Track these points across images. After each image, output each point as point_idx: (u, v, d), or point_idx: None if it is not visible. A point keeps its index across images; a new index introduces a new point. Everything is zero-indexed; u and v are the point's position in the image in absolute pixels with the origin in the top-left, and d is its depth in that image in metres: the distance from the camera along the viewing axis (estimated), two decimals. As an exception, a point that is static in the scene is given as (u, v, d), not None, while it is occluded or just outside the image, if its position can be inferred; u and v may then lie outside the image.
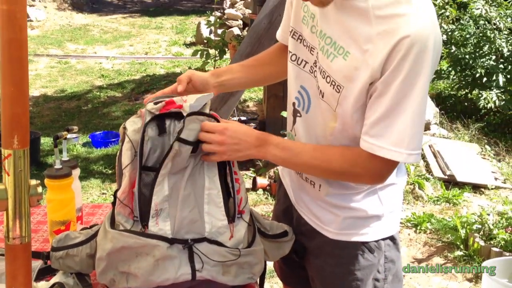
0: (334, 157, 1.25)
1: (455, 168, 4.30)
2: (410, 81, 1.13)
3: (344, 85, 1.20)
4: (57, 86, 7.24)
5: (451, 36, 5.56)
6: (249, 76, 1.53)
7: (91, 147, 5.04)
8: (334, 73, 1.22)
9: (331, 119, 1.27)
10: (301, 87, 1.35)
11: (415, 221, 3.60)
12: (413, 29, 1.11)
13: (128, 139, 1.23)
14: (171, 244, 1.19)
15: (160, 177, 1.21)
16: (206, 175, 1.24)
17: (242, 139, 1.25)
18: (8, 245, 1.04)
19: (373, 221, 1.35)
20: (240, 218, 1.27)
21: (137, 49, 9.48)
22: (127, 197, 1.21)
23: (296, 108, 1.38)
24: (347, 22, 1.19)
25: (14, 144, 1.00)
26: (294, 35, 1.36)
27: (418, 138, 1.18)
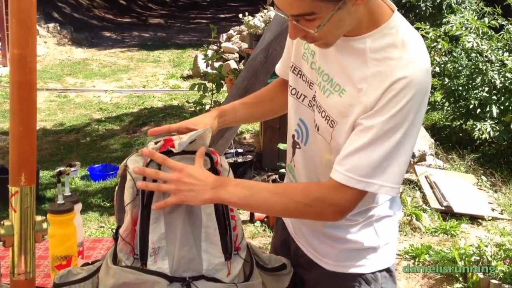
0: (295, 191, 1.26)
1: (452, 199, 4.32)
2: (396, 120, 1.16)
3: (338, 121, 1.25)
4: (56, 119, 7.28)
5: (444, 68, 5.65)
6: (250, 113, 1.57)
7: (90, 180, 5.06)
8: (329, 109, 1.26)
9: (326, 151, 1.31)
10: (300, 120, 1.40)
11: (413, 253, 3.60)
12: (407, 73, 1.16)
13: (131, 177, 1.25)
14: (171, 282, 1.20)
15: (154, 214, 1.23)
16: (203, 212, 1.26)
17: (199, 179, 1.21)
18: (14, 280, 1.06)
19: (369, 253, 1.38)
20: (237, 254, 1.29)
21: (135, 82, 9.57)
22: (130, 235, 1.23)
23: (296, 140, 1.42)
24: (345, 61, 1.24)
25: (22, 181, 1.04)
26: (295, 70, 1.41)
27: (396, 172, 1.19)
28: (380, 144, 1.17)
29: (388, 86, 1.16)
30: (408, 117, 1.17)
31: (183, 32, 15.97)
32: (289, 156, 1.48)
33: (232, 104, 1.54)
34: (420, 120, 1.21)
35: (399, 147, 1.18)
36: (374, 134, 1.17)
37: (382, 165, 1.18)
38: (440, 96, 5.93)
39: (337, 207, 1.23)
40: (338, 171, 1.21)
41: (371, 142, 1.18)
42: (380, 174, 1.18)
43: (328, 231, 1.38)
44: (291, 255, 1.49)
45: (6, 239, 1.05)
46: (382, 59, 1.19)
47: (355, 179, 1.19)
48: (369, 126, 1.18)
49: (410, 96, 1.16)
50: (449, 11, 6.76)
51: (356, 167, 1.19)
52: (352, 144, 1.20)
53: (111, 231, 3.98)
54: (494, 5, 5.66)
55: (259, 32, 6.16)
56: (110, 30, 15.94)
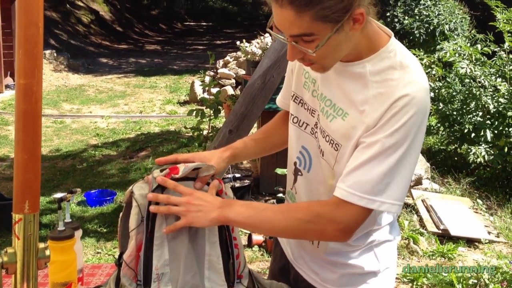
0: (299, 208, 1.28)
1: (449, 222, 4.33)
2: (398, 137, 1.19)
3: (342, 143, 1.27)
4: (52, 145, 7.29)
5: (438, 93, 5.72)
6: (261, 148, 1.60)
7: (86, 205, 5.05)
8: (333, 133, 1.29)
9: (330, 176, 1.33)
10: (303, 148, 1.42)
11: (411, 276, 3.60)
12: (408, 91, 1.19)
13: (136, 204, 1.26)
14: None
15: (158, 240, 1.24)
16: (207, 241, 1.27)
17: (207, 201, 1.26)
18: (16, 307, 1.07)
19: (370, 277, 1.39)
20: (239, 283, 1.30)
21: (131, 108, 9.62)
22: (133, 261, 1.24)
23: (298, 167, 1.44)
24: (346, 86, 1.28)
25: (25, 209, 1.05)
26: (296, 99, 1.44)
27: (397, 188, 1.20)
28: (382, 160, 1.19)
29: (390, 104, 1.19)
30: (410, 134, 1.19)
31: (180, 58, 16.13)
32: (289, 183, 1.50)
33: (243, 142, 1.56)
34: (421, 138, 1.23)
35: (401, 164, 1.19)
36: (376, 150, 1.19)
37: (383, 181, 1.19)
38: (435, 120, 5.99)
39: (339, 224, 1.23)
40: (341, 187, 1.23)
41: (373, 158, 1.20)
42: (382, 191, 1.19)
43: (329, 258, 1.40)
44: (291, 281, 1.50)
45: (9, 266, 1.05)
46: (383, 81, 1.23)
47: (357, 196, 1.20)
48: (371, 142, 1.21)
49: (411, 113, 1.18)
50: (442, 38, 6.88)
51: (358, 183, 1.20)
52: (355, 161, 1.22)
53: (108, 256, 3.96)
54: (486, 32, 5.76)
55: (256, 59, 6.24)
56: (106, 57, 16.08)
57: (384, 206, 1.20)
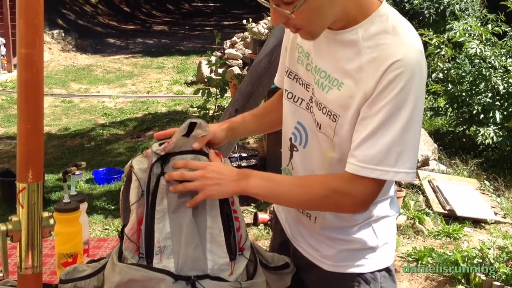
0: (314, 184, 1.28)
1: (455, 203, 4.33)
2: (397, 102, 1.18)
3: (340, 114, 1.26)
4: (61, 124, 7.33)
5: (447, 74, 5.67)
6: (260, 124, 1.60)
7: (94, 183, 5.09)
8: (329, 104, 1.28)
9: (329, 149, 1.32)
10: (298, 123, 1.41)
11: (416, 256, 3.62)
12: (401, 55, 1.18)
13: (136, 178, 1.27)
14: (176, 280, 1.21)
15: (159, 213, 1.24)
16: (208, 214, 1.28)
17: (223, 173, 1.27)
18: (21, 275, 1.08)
19: (368, 253, 1.39)
20: (241, 255, 1.30)
21: (139, 88, 9.63)
22: (135, 234, 1.24)
23: (293, 143, 1.43)
24: (339, 55, 1.27)
25: (29, 178, 1.06)
26: (290, 75, 1.43)
27: (408, 156, 1.19)
28: (387, 128, 1.18)
29: (385, 69, 1.18)
30: (410, 97, 1.18)
31: (187, 39, 16.07)
32: (285, 160, 1.49)
33: (242, 116, 1.56)
34: (422, 99, 1.21)
35: (407, 129, 1.18)
36: (380, 120, 1.19)
37: (393, 150, 1.18)
38: (444, 102, 5.94)
39: (355, 198, 1.23)
40: (351, 163, 1.23)
41: (378, 128, 1.19)
42: (393, 160, 1.19)
43: (326, 233, 1.40)
44: (290, 257, 1.51)
45: (13, 234, 1.07)
46: (375, 46, 1.21)
47: (369, 168, 1.20)
48: (373, 113, 1.20)
49: (408, 76, 1.17)
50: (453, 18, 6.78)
51: (367, 156, 1.20)
52: (360, 134, 1.22)
53: (116, 233, 4.00)
54: (497, 12, 5.69)
55: (263, 38, 6.20)
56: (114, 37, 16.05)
57: (399, 176, 1.20)
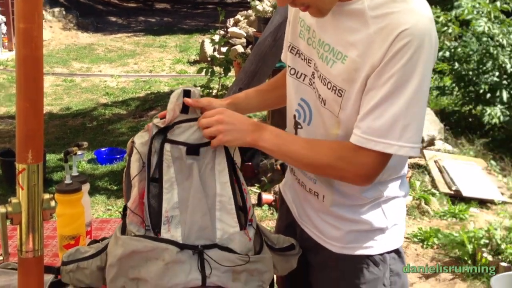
0: (322, 149, 1.26)
1: (461, 183, 4.29)
2: (404, 73, 1.13)
3: (345, 88, 1.22)
4: (63, 104, 7.29)
5: (454, 52, 5.58)
6: (264, 100, 1.56)
7: (96, 163, 5.06)
8: (334, 78, 1.24)
9: (334, 126, 1.28)
10: (302, 100, 1.37)
11: (421, 236, 3.59)
12: (410, 23, 1.13)
13: (136, 151, 1.26)
14: (181, 249, 1.18)
15: (167, 183, 1.23)
16: (217, 181, 1.26)
17: (240, 121, 1.28)
18: (21, 258, 1.05)
19: (377, 234, 1.35)
20: (251, 225, 1.28)
21: (141, 67, 9.56)
22: (138, 207, 1.22)
23: (297, 120, 1.39)
24: (344, 26, 1.22)
25: (29, 158, 1.02)
26: (292, 50, 1.39)
27: (414, 130, 1.16)
28: (393, 100, 1.14)
29: (393, 39, 1.13)
30: (418, 67, 1.13)
31: (190, 17, 15.91)
32: None
33: (245, 92, 1.53)
34: (430, 71, 1.17)
35: (413, 102, 1.15)
36: (386, 91, 1.15)
37: (399, 123, 1.15)
38: (450, 81, 5.87)
39: (360, 170, 1.21)
40: (356, 134, 1.19)
41: (383, 100, 1.15)
42: (398, 133, 1.15)
43: (335, 212, 1.36)
44: (297, 239, 1.47)
45: (13, 216, 1.03)
46: (383, 15, 1.16)
47: (373, 141, 1.17)
48: (379, 84, 1.15)
49: (416, 45, 1.12)
50: (460, -6, 6.66)
51: (371, 128, 1.16)
52: (366, 106, 1.18)
53: (118, 213, 3.98)
54: (505, -12, 5.58)
55: (267, 16, 6.11)
56: (115, 15, 15.90)
57: (403, 150, 1.17)
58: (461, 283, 3.12)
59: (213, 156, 1.29)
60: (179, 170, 1.25)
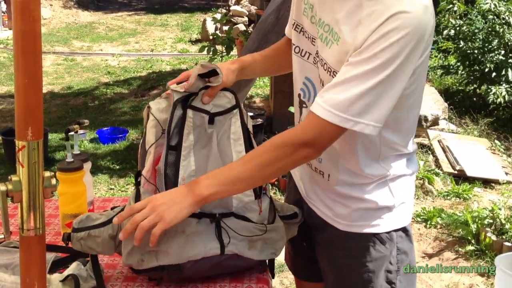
0: (262, 149, 1.21)
1: (465, 163, 4.27)
2: (385, 56, 1.10)
3: (338, 70, 1.20)
4: (64, 83, 7.25)
5: (459, 31, 5.52)
6: (266, 66, 1.54)
7: (98, 143, 5.05)
8: (329, 60, 1.22)
9: None
10: (306, 79, 1.35)
11: (425, 216, 3.58)
12: (402, 9, 1.09)
13: (153, 117, 1.25)
14: (199, 218, 1.21)
15: (185, 150, 1.23)
16: (233, 150, 1.27)
17: (172, 194, 1.18)
18: (23, 236, 1.03)
19: (384, 213, 1.34)
20: (265, 194, 1.30)
21: (142, 46, 9.48)
22: (152, 176, 1.23)
23: (302, 99, 1.38)
24: (341, 8, 1.20)
25: (28, 135, 0.99)
26: (297, 28, 1.36)
27: (377, 111, 1.13)
28: (365, 80, 1.12)
29: (381, 23, 1.10)
30: (400, 55, 1.10)
31: (191, -5, 15.73)
32: (296, 117, 1.44)
33: (252, 56, 1.51)
34: (413, 61, 1.13)
35: (385, 86, 1.12)
36: (360, 70, 1.12)
37: (362, 101, 1.12)
38: (455, 59, 5.81)
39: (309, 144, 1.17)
40: (317, 102, 1.16)
41: (355, 77, 1.12)
42: (359, 110, 1.12)
43: (341, 190, 1.34)
44: (304, 217, 1.46)
45: (14, 194, 1.01)
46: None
47: (332, 113, 1.13)
48: (356, 61, 1.13)
49: (403, 33, 1.09)
50: (465, -29, 6.56)
51: (334, 100, 1.14)
52: (337, 78, 1.15)
53: (121, 192, 3.98)
54: (512, -35, 5.48)
55: (269, -7, 6.01)
56: (117, -7, 15.73)
57: (358, 126, 1.14)
58: (464, 262, 3.12)
59: (229, 125, 1.28)
60: (197, 138, 1.25)
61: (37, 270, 1.04)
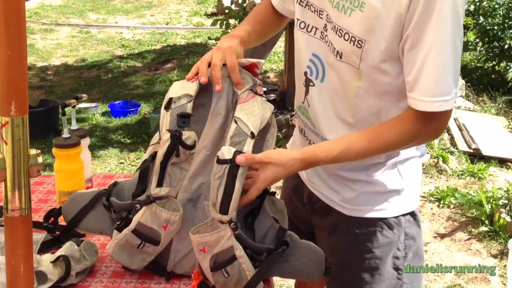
0: (386, 132, 1.17)
1: (481, 141, 4.17)
2: (442, 20, 1.06)
3: (366, 39, 1.13)
4: (78, 55, 7.22)
5: (479, 6, 5.37)
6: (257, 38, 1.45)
7: (110, 116, 5.03)
8: (352, 28, 1.15)
9: (355, 78, 1.19)
10: (313, 55, 1.28)
11: (438, 195, 3.51)
12: None
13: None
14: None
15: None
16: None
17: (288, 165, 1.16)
18: (7, 217, 0.99)
19: (392, 196, 1.29)
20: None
21: (158, 19, 9.39)
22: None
23: (309, 77, 1.30)
24: None
25: (12, 111, 0.95)
26: (302, 2, 1.29)
27: (457, 79, 1.13)
28: (438, 52, 1.08)
29: None
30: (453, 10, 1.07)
31: (208, -33, 15.52)
32: (300, 97, 1.36)
33: (247, 33, 1.41)
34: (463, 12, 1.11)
35: (455, 49, 1.09)
36: (428, 45, 1.07)
37: (448, 76, 1.10)
38: (474, 36, 5.66)
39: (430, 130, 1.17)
40: (410, 97, 1.13)
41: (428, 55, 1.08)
42: (449, 87, 1.11)
43: (348, 174, 1.29)
44: (304, 201, 1.42)
45: (-3, 172, 0.97)
46: None
47: (426, 102, 1.11)
48: (419, 38, 1.08)
49: None
50: None
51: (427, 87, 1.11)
52: (412, 66, 1.11)
53: (131, 167, 3.96)
54: None
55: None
56: (133, -35, 15.58)
57: (454, 100, 1.13)
58: (477, 243, 3.06)
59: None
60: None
61: (23, 252, 1.00)
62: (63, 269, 1.18)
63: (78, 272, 1.20)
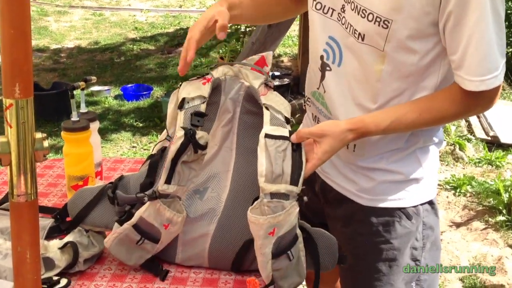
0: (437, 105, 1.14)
1: (499, 129, 4.08)
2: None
3: (393, 18, 1.07)
4: (91, 38, 7.19)
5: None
6: (254, 13, 1.39)
7: (123, 99, 5.00)
8: (377, 8, 1.09)
9: (378, 61, 1.14)
10: (330, 38, 1.22)
11: (454, 184, 3.44)
12: None
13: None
14: None
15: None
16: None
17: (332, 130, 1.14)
18: (13, 202, 0.96)
19: (411, 185, 1.24)
20: None
21: (171, 2, 9.32)
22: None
23: (325, 61, 1.24)
24: None
25: (16, 93, 0.91)
26: None
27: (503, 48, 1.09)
28: (481, 29, 1.04)
29: None
30: None
31: (222, -51, 15.35)
32: (315, 82, 1.30)
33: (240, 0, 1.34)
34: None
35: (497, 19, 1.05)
36: (473, 21, 1.03)
37: (494, 52, 1.06)
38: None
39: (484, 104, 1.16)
40: (466, 78, 1.08)
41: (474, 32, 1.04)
42: (497, 62, 1.07)
43: (366, 163, 1.24)
44: (316, 190, 1.37)
45: (2, 157, 0.93)
46: None
47: (484, 81, 1.07)
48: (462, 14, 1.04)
49: None
50: None
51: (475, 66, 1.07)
52: (458, 44, 1.06)
53: (143, 151, 3.94)
54: None
55: None
56: None
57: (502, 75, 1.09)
58: (493, 233, 3.00)
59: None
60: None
61: (29, 238, 0.97)
62: (71, 256, 1.15)
63: (86, 258, 1.18)
